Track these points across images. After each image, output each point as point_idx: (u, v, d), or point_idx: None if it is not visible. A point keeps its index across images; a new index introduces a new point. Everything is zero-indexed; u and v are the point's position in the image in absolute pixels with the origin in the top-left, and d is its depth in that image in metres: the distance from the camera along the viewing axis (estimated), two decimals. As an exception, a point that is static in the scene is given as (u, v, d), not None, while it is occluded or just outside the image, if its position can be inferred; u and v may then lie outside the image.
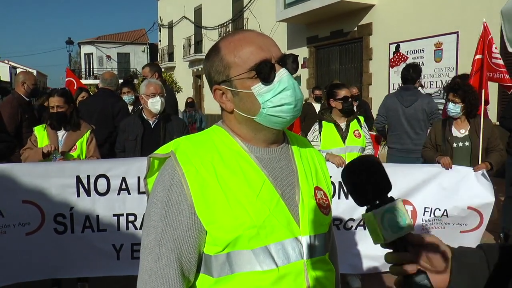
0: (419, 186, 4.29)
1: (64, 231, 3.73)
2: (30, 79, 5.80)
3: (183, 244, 1.27)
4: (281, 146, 1.44)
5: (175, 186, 1.29)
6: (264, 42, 1.35)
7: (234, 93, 1.35)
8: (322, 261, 1.40)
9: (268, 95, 1.31)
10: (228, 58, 1.34)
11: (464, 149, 4.65)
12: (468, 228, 4.30)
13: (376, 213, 1.03)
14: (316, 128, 4.81)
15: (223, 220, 1.26)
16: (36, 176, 3.65)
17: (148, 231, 1.31)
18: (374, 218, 1.03)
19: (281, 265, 1.29)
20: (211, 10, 24.49)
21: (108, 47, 42.11)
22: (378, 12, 13.60)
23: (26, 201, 3.61)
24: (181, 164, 1.30)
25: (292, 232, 1.32)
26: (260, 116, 1.34)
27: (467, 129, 4.71)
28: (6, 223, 3.59)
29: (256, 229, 1.27)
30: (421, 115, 5.77)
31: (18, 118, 5.43)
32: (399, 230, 1.03)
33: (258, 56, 1.31)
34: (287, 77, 1.33)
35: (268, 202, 1.31)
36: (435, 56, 11.85)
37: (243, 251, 1.28)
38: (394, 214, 1.03)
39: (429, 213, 4.27)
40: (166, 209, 1.29)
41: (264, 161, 1.37)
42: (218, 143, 1.37)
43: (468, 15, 10.73)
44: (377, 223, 1.02)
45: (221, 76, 1.36)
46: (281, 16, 16.18)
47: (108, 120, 5.60)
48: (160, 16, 33.04)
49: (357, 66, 14.79)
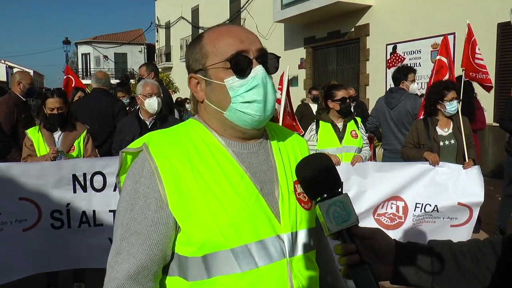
0: (410, 182, 4.39)
1: (61, 226, 3.78)
2: (26, 78, 5.79)
3: (146, 240, 1.20)
4: (260, 140, 1.39)
5: (144, 178, 1.23)
6: (246, 37, 1.32)
7: (208, 83, 1.32)
8: (306, 259, 1.34)
9: (240, 89, 1.28)
10: (207, 47, 1.32)
11: (450, 147, 4.75)
12: (458, 223, 4.42)
13: (321, 206, 1.08)
14: (313, 128, 4.84)
15: (198, 217, 1.21)
16: (33, 174, 3.67)
17: (116, 226, 1.27)
18: (320, 210, 1.08)
19: (262, 265, 1.23)
20: (208, 11, 24.49)
21: (105, 47, 42.06)
22: (375, 13, 13.62)
23: (23, 198, 3.65)
24: (154, 157, 1.24)
25: (273, 229, 1.26)
26: (230, 111, 1.30)
27: (450, 127, 4.82)
28: (3, 220, 3.62)
29: (234, 227, 1.21)
30: (405, 116, 5.83)
31: (14, 118, 5.42)
32: (343, 222, 1.08)
33: (236, 48, 1.28)
34: (262, 74, 1.29)
35: (246, 198, 1.25)
36: (432, 57, 11.86)
37: (220, 252, 1.21)
38: (339, 207, 1.09)
39: (420, 209, 4.38)
40: (133, 202, 1.23)
41: (241, 156, 1.32)
42: (194, 136, 1.33)
43: (465, 16, 10.73)
44: (322, 215, 1.08)
45: (198, 65, 1.34)
46: (279, 17, 16.19)
47: (108, 120, 5.61)
48: (158, 16, 33.00)
49: (354, 66, 14.81)
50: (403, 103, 5.85)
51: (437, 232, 4.41)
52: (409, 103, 5.81)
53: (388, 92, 6.20)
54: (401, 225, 4.41)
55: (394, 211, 4.42)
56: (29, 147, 4.12)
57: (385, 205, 4.45)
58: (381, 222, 4.46)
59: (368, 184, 4.40)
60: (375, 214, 4.46)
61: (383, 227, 4.43)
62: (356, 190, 4.39)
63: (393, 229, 4.42)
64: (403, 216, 4.41)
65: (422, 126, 4.84)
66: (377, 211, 4.46)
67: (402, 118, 5.86)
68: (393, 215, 4.43)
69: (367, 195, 4.39)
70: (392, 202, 4.43)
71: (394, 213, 4.42)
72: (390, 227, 4.43)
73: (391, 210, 4.43)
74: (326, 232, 1.09)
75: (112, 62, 42.15)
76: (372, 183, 4.40)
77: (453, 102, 4.65)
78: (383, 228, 4.43)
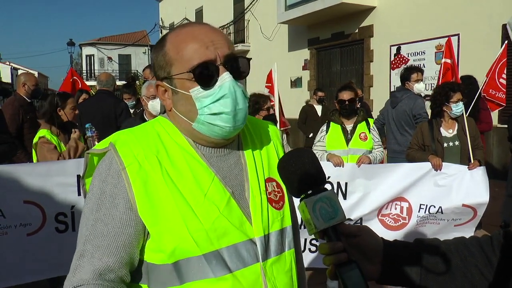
0: (415, 183, 4.39)
1: (65, 229, 3.75)
2: (30, 80, 5.83)
3: (112, 242, 1.14)
4: (229, 143, 1.33)
5: (111, 177, 1.17)
6: (212, 41, 1.22)
7: (174, 92, 1.26)
8: (280, 261, 1.30)
9: (206, 100, 1.21)
10: (170, 53, 1.24)
11: (454, 148, 4.75)
12: (461, 222, 4.43)
13: (307, 202, 1.03)
14: (323, 129, 4.87)
15: (169, 222, 1.15)
16: (37, 176, 3.66)
17: (80, 228, 1.20)
18: (306, 207, 1.03)
19: (235, 270, 1.19)
20: (212, 12, 24.51)
21: (109, 48, 42.14)
22: (379, 14, 13.60)
23: (27, 201, 3.62)
24: (122, 156, 1.18)
25: (245, 233, 1.22)
26: (198, 122, 1.24)
27: (455, 129, 4.82)
28: (7, 224, 3.59)
29: (204, 232, 1.16)
30: (404, 116, 5.84)
31: (19, 119, 5.46)
32: (330, 219, 1.02)
33: (202, 56, 1.20)
34: (230, 83, 1.21)
35: (217, 201, 1.20)
36: (436, 58, 11.84)
37: (192, 258, 1.16)
38: (325, 204, 1.03)
39: (424, 210, 4.38)
40: (99, 202, 1.17)
41: (211, 160, 1.27)
42: (163, 135, 1.26)
43: (469, 17, 10.73)
44: (308, 212, 1.03)
45: (162, 72, 1.27)
46: (282, 18, 16.18)
47: (112, 121, 5.66)
48: (161, 17, 33.06)
49: (358, 68, 14.78)
50: (403, 103, 5.86)
51: (440, 232, 4.41)
52: (408, 103, 5.81)
53: (393, 91, 6.22)
54: (404, 226, 4.41)
55: (398, 212, 4.42)
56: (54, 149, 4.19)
57: (389, 205, 4.44)
58: (385, 222, 4.45)
59: (373, 185, 4.39)
60: (379, 214, 4.45)
61: (387, 227, 4.43)
62: (361, 191, 4.39)
63: (396, 230, 4.41)
64: (407, 217, 4.40)
65: (427, 127, 4.84)
66: (381, 212, 4.45)
67: (400, 118, 5.88)
68: (397, 216, 4.42)
69: (372, 196, 4.39)
70: (396, 203, 4.43)
71: (398, 214, 4.42)
72: (394, 228, 4.43)
73: (395, 211, 4.43)
74: (312, 230, 1.04)
75: (116, 63, 42.21)
76: (377, 184, 4.39)
77: (459, 104, 4.65)
78: (387, 228, 4.43)
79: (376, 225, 4.44)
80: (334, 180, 4.39)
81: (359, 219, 4.40)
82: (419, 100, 5.87)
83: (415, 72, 6.08)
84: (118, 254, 1.14)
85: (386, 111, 6.20)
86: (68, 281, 1.14)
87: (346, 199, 4.39)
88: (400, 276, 1.15)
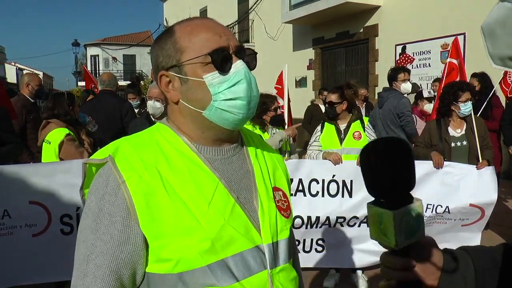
0: (421, 182, 4.33)
1: (71, 231, 3.73)
2: (34, 80, 5.84)
3: (113, 260, 1.11)
4: (234, 145, 1.30)
5: (108, 195, 1.13)
6: (223, 32, 1.23)
7: (183, 81, 1.21)
8: (286, 269, 1.27)
9: (221, 86, 1.18)
10: (182, 41, 1.21)
11: (462, 148, 4.71)
12: (469, 222, 4.40)
13: (396, 214, 0.86)
14: (318, 129, 4.88)
15: (172, 234, 1.12)
16: (43, 176, 3.65)
17: (78, 245, 1.16)
18: (393, 219, 0.86)
19: (242, 279, 1.16)
20: (216, 12, 24.51)
21: (114, 49, 42.23)
22: (384, 13, 13.55)
23: (33, 202, 3.62)
24: (120, 170, 1.14)
25: (252, 240, 1.19)
26: (210, 110, 1.20)
27: (463, 128, 4.77)
28: (13, 224, 3.59)
29: (210, 242, 1.13)
30: (388, 115, 5.89)
31: (22, 119, 5.47)
32: (412, 236, 0.89)
33: (215, 43, 1.19)
34: (244, 69, 1.21)
35: (222, 209, 1.17)
36: (442, 57, 11.78)
37: (197, 269, 1.13)
38: (413, 217, 0.88)
39: (431, 210, 4.35)
40: (97, 221, 1.13)
41: (215, 163, 1.24)
42: (163, 144, 1.22)
43: (475, 16, 10.66)
44: (394, 225, 0.86)
45: (170, 61, 1.22)
46: (287, 18, 16.15)
47: (116, 121, 5.65)
48: (166, 17, 33.09)
49: (363, 67, 14.74)
50: (389, 102, 5.91)
51: (448, 232, 4.39)
52: (393, 102, 5.85)
53: (380, 92, 6.33)
54: None
55: None
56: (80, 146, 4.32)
57: None
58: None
59: None
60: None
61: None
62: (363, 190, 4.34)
63: None
64: None
65: (435, 126, 4.80)
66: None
67: (386, 117, 5.93)
68: None
69: None
70: None
71: None
72: None
73: None
74: (386, 243, 0.89)
75: (121, 63, 42.30)
76: None
77: (467, 103, 4.61)
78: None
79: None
80: (339, 179, 4.39)
81: (365, 217, 4.40)
82: (404, 99, 5.91)
83: (402, 72, 6.11)
84: (119, 272, 1.12)
85: (374, 111, 6.31)
86: None
87: (352, 197, 4.39)
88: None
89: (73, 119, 4.45)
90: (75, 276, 1.14)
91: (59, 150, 4.20)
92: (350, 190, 4.38)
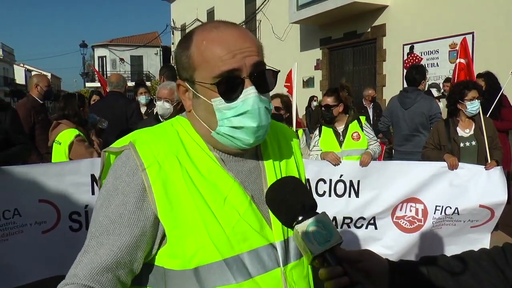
0: (429, 183, 4.32)
1: (79, 228, 3.80)
2: (43, 81, 5.89)
3: (116, 240, 1.10)
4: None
5: (126, 175, 1.14)
6: (241, 47, 1.15)
7: (195, 96, 1.22)
8: (299, 265, 1.27)
9: (228, 113, 1.16)
10: (195, 57, 1.18)
11: (471, 148, 4.66)
12: (478, 223, 4.33)
13: (299, 228, 1.01)
14: (316, 133, 4.88)
15: (189, 224, 1.12)
16: (52, 175, 3.70)
17: (90, 223, 1.17)
18: (298, 233, 1.01)
19: (256, 275, 1.16)
20: (224, 13, 24.52)
21: (121, 50, 42.41)
22: (391, 13, 13.50)
23: (43, 200, 3.67)
24: (141, 157, 1.14)
25: (266, 237, 1.19)
26: (218, 133, 1.20)
27: (471, 128, 4.72)
28: (23, 222, 3.65)
29: (225, 237, 1.13)
30: (420, 117, 5.67)
31: (31, 120, 5.52)
32: (326, 242, 1.00)
33: (227, 65, 1.13)
34: (254, 98, 1.15)
35: (237, 205, 1.17)
36: (450, 57, 11.72)
37: (213, 264, 1.12)
38: (319, 227, 1.01)
39: (440, 211, 4.30)
40: (110, 199, 1.13)
41: (230, 163, 1.24)
42: (183, 135, 1.23)
43: (484, 15, 10.60)
44: (302, 238, 1.00)
45: (185, 73, 1.22)
46: (294, 18, 16.14)
47: (123, 122, 5.71)
48: (173, 18, 33.19)
49: (370, 67, 14.70)
50: (419, 104, 5.70)
51: (457, 234, 4.34)
52: (425, 104, 5.67)
53: (403, 91, 6.02)
54: (420, 228, 4.35)
55: (414, 214, 4.36)
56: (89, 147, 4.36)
57: (404, 207, 4.39)
58: (400, 225, 4.40)
59: (386, 184, 4.35)
60: (394, 216, 4.40)
61: (403, 230, 4.38)
62: (373, 189, 4.37)
63: (412, 232, 4.36)
64: (423, 219, 4.34)
65: (443, 127, 4.76)
66: (396, 214, 4.40)
67: (415, 119, 5.71)
68: (412, 218, 4.36)
69: (384, 194, 4.35)
70: (411, 204, 4.36)
71: (413, 216, 4.36)
72: (410, 230, 4.37)
73: (411, 213, 4.37)
74: (309, 257, 1.01)
75: (128, 64, 42.47)
76: (390, 183, 4.35)
77: (474, 102, 4.57)
78: (402, 231, 4.38)
79: (391, 227, 4.40)
80: (347, 179, 4.39)
81: (372, 218, 4.39)
82: (434, 101, 5.80)
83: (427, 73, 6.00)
84: (119, 253, 1.10)
85: (394, 112, 5.99)
86: (68, 273, 1.11)
87: (359, 197, 4.39)
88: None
89: (82, 120, 4.50)
90: (80, 252, 1.14)
91: (69, 150, 4.24)
92: (357, 190, 4.37)
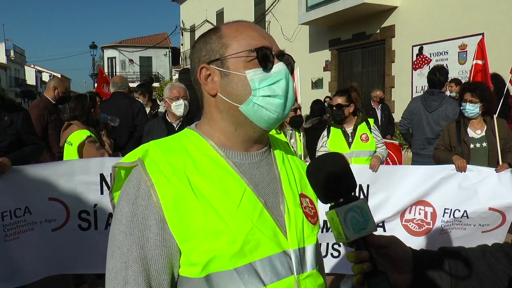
0: (438, 186, 4.26)
1: (88, 227, 3.84)
2: (62, 86, 6.00)
3: (151, 264, 1.12)
4: (262, 150, 1.31)
5: (141, 199, 1.14)
6: (267, 35, 1.29)
7: (224, 74, 1.23)
8: (313, 276, 1.26)
9: (262, 82, 1.21)
10: (227, 37, 1.24)
11: (481, 150, 4.60)
12: (490, 228, 4.25)
13: (338, 211, 1.02)
14: (324, 134, 4.86)
15: (200, 236, 1.12)
16: (62, 174, 3.75)
17: (112, 252, 1.15)
18: (337, 216, 1.02)
19: (269, 284, 1.15)
20: (233, 14, 24.58)
21: (130, 51, 42.62)
22: (401, 14, 13.47)
23: (52, 198, 3.72)
24: (149, 173, 1.15)
25: (279, 245, 1.18)
26: (248, 104, 1.22)
27: (483, 130, 4.66)
28: (34, 220, 3.70)
29: (238, 245, 1.12)
30: (445, 121, 5.60)
31: (44, 120, 5.58)
32: (361, 230, 1.02)
33: (260, 42, 1.23)
34: (285, 70, 1.25)
35: (250, 213, 1.17)
36: (460, 58, 11.67)
37: (224, 272, 1.12)
38: (357, 214, 1.02)
39: (448, 214, 4.23)
40: (131, 225, 1.13)
41: (243, 167, 1.24)
42: (191, 148, 1.23)
43: (494, 16, 10.55)
44: (339, 222, 1.01)
45: (214, 55, 1.24)
46: (303, 19, 16.14)
47: (129, 121, 5.91)
48: (182, 20, 33.28)
49: (379, 68, 14.66)
50: (444, 107, 5.64)
51: (467, 238, 4.25)
52: (450, 108, 5.61)
53: (428, 94, 5.92)
54: (429, 231, 4.30)
55: (422, 217, 4.31)
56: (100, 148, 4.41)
57: (413, 210, 4.34)
58: (408, 228, 4.36)
59: (395, 187, 4.32)
60: (403, 219, 4.36)
61: (411, 233, 4.33)
62: (383, 193, 4.33)
63: (420, 236, 4.31)
64: (432, 222, 4.29)
65: (454, 128, 4.72)
66: (405, 217, 4.35)
67: (441, 123, 5.63)
68: (421, 221, 4.31)
69: (393, 199, 4.31)
70: (420, 207, 4.32)
71: (422, 219, 4.30)
72: (418, 233, 4.32)
73: (419, 216, 4.32)
74: (342, 240, 1.03)
75: (137, 65, 42.67)
76: (399, 187, 4.30)
77: (469, 104, 4.54)
78: (411, 234, 4.33)
79: (400, 230, 4.35)
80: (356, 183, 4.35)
81: (381, 222, 4.34)
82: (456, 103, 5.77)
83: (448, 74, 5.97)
84: (159, 277, 1.13)
85: (416, 114, 5.91)
86: None
87: (368, 201, 4.34)
88: (430, 286, 1.14)
89: (92, 121, 4.55)
90: (114, 285, 1.12)
91: (79, 151, 4.28)
92: (366, 194, 4.32)
